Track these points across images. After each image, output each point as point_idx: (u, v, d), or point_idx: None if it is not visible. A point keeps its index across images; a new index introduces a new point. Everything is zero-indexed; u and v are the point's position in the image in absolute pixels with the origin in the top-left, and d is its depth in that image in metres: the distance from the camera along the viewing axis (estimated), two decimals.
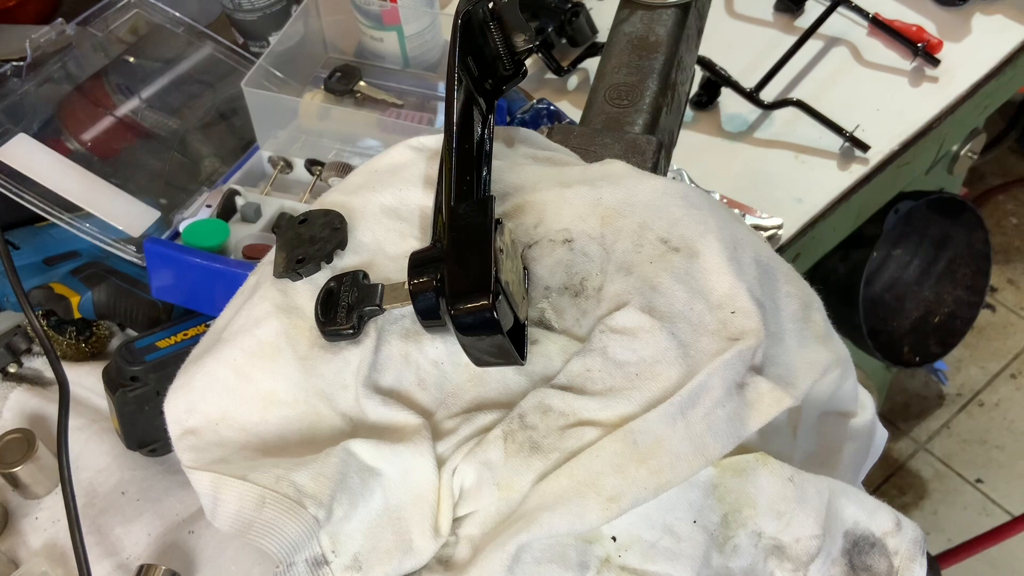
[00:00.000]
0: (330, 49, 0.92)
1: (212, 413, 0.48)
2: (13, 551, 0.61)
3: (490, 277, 0.43)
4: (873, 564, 0.46)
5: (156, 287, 0.67)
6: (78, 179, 0.74)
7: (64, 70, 0.82)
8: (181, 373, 0.51)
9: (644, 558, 0.44)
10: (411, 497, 0.45)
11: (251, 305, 0.51)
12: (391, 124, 0.80)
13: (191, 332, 0.64)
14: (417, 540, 0.44)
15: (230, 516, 0.44)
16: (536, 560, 0.43)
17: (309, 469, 0.44)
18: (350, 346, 0.48)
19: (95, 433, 0.65)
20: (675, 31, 0.73)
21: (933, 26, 1.03)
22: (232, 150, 0.84)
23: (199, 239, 0.68)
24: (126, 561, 0.59)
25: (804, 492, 0.45)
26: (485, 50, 0.55)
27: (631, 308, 0.48)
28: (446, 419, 0.47)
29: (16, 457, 0.61)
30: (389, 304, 0.48)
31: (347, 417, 0.48)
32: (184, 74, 0.87)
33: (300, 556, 0.43)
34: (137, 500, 0.62)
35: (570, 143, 0.63)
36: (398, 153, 0.57)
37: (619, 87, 0.69)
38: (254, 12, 0.93)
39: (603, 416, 0.45)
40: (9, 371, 0.70)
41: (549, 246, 0.52)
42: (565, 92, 0.98)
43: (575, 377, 0.47)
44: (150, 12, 0.88)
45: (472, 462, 0.45)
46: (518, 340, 0.46)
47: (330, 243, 0.52)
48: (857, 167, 0.93)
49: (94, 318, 0.73)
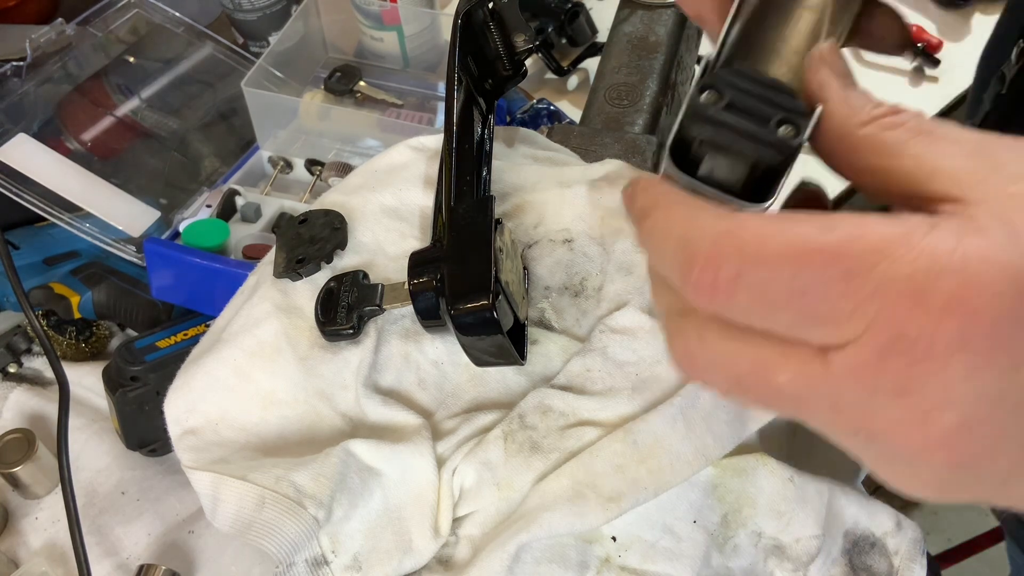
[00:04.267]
0: (330, 49, 0.92)
1: (212, 413, 0.48)
2: (13, 551, 0.61)
3: (490, 277, 0.43)
4: (873, 564, 0.46)
5: (156, 287, 0.67)
6: (78, 179, 0.74)
7: (64, 70, 0.82)
8: (181, 373, 0.51)
9: (644, 558, 0.44)
10: (411, 497, 0.45)
11: (251, 305, 0.51)
12: (391, 124, 0.80)
13: (191, 332, 0.64)
14: (417, 540, 0.44)
15: (230, 516, 0.44)
16: (536, 560, 0.43)
17: (309, 469, 0.44)
18: (350, 346, 0.48)
19: (95, 433, 0.65)
20: (675, 31, 0.73)
21: (933, 26, 1.03)
22: (232, 150, 0.84)
23: (199, 239, 0.68)
24: (126, 561, 0.59)
25: (804, 492, 0.45)
26: (485, 50, 0.55)
27: (631, 308, 0.48)
28: (446, 419, 0.47)
29: (16, 457, 0.61)
30: (389, 304, 0.48)
31: (347, 417, 0.48)
32: (184, 74, 0.87)
33: (300, 556, 0.43)
34: (137, 500, 0.62)
35: (570, 143, 0.63)
36: (398, 153, 0.57)
37: (619, 87, 0.69)
38: (254, 12, 0.93)
39: (603, 416, 0.45)
40: (9, 371, 0.70)
41: (549, 246, 0.52)
42: (565, 92, 0.98)
43: (575, 377, 0.47)
44: (150, 12, 0.88)
45: (472, 462, 0.45)
46: (518, 340, 0.46)
47: (330, 243, 0.52)
48: None
49: (94, 318, 0.73)
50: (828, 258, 0.26)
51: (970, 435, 0.25)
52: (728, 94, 0.32)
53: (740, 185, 0.32)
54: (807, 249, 0.26)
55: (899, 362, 0.25)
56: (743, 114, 0.31)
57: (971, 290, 0.24)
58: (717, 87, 0.32)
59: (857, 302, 0.25)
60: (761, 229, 0.27)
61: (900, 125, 0.29)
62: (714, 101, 0.31)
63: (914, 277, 0.24)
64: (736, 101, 0.31)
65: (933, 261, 0.24)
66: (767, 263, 0.27)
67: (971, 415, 0.25)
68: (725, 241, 0.27)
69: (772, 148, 0.31)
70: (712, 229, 0.28)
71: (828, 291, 0.26)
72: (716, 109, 0.31)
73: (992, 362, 0.24)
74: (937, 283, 0.24)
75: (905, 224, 0.25)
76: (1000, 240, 0.24)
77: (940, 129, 0.28)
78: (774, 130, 0.31)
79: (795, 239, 0.26)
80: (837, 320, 0.26)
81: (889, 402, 0.26)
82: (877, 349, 0.25)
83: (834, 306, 0.26)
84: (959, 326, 0.24)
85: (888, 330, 0.25)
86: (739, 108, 0.31)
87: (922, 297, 0.24)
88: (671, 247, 0.29)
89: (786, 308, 0.27)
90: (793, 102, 0.32)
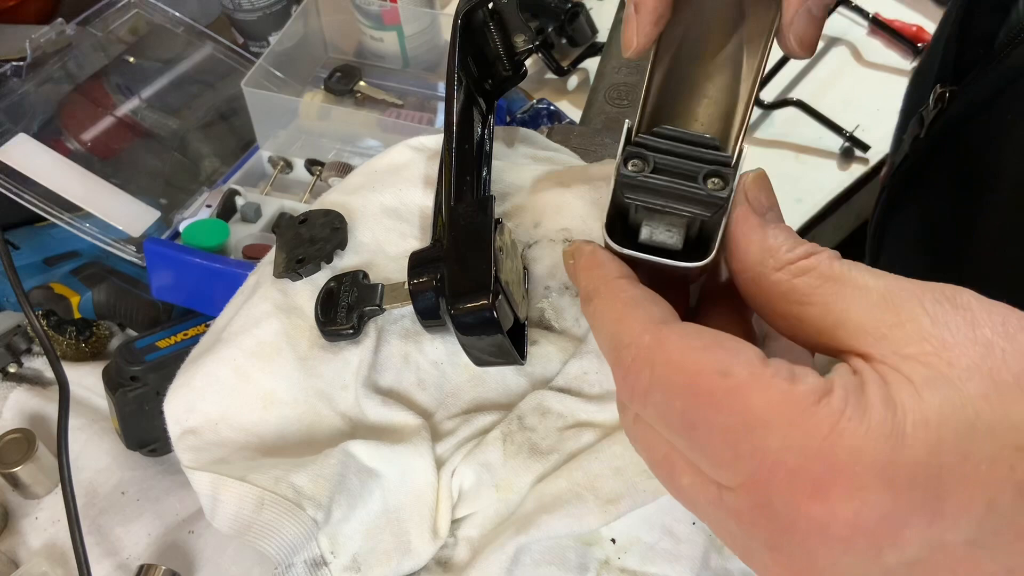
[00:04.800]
0: (330, 49, 0.92)
1: (212, 413, 0.48)
2: (13, 551, 0.61)
3: (490, 277, 0.43)
4: None
5: (156, 287, 0.67)
6: (78, 179, 0.74)
7: (64, 70, 0.82)
8: (181, 373, 0.51)
9: (643, 560, 0.44)
10: (410, 498, 0.45)
11: (251, 305, 0.51)
12: (391, 124, 0.80)
13: (191, 332, 0.64)
14: (416, 541, 0.44)
15: (229, 517, 0.44)
16: (535, 562, 0.43)
17: (308, 470, 0.44)
18: (350, 346, 0.48)
19: (95, 433, 0.65)
20: None
21: (933, 26, 1.02)
22: (232, 150, 0.84)
23: (199, 239, 0.68)
24: (126, 561, 0.59)
25: None
26: (485, 50, 0.55)
27: None
28: (445, 420, 0.47)
29: (16, 457, 0.61)
30: (389, 304, 0.48)
31: (347, 417, 0.48)
32: (184, 74, 0.87)
33: (299, 557, 0.43)
34: (137, 500, 0.62)
35: (570, 143, 0.63)
36: (398, 153, 0.57)
37: (619, 87, 0.69)
38: (254, 12, 0.93)
39: (601, 418, 0.45)
40: (9, 371, 0.70)
41: (549, 246, 0.52)
42: (565, 92, 0.98)
43: (572, 379, 0.47)
44: (150, 12, 0.88)
45: (471, 463, 0.45)
46: (518, 340, 0.46)
47: (330, 243, 0.52)
48: (857, 167, 0.93)
49: (94, 318, 0.73)
50: (717, 406, 0.27)
51: None
52: (651, 159, 0.32)
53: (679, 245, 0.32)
54: (702, 390, 0.27)
55: (769, 525, 0.26)
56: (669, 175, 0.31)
57: (837, 479, 0.24)
58: (640, 155, 0.32)
59: (736, 455, 0.26)
60: (673, 354, 0.28)
61: (810, 270, 0.29)
62: (640, 169, 0.32)
63: (786, 454, 0.25)
64: (661, 165, 0.32)
65: (806, 443, 0.25)
66: (668, 391, 0.28)
67: None
68: (643, 357, 0.29)
69: (702, 205, 0.31)
70: (636, 340, 0.29)
71: (712, 436, 0.27)
72: (643, 176, 0.31)
73: (852, 549, 0.25)
74: (808, 465, 0.25)
75: (798, 389, 0.26)
76: (877, 424, 0.25)
77: (850, 274, 0.28)
78: (703, 185, 0.31)
79: (696, 375, 0.27)
80: (721, 463, 0.27)
81: (764, 551, 0.27)
82: (752, 505, 0.26)
83: (718, 451, 0.27)
84: (821, 513, 0.25)
85: (759, 494, 0.26)
86: (665, 170, 0.32)
87: (791, 476, 0.25)
88: (605, 342, 0.31)
89: (682, 435, 0.28)
90: (716, 154, 0.32)
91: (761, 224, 0.31)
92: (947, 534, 0.24)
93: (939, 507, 0.24)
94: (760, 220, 0.31)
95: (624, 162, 0.32)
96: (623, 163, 0.32)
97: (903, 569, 0.25)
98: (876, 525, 0.24)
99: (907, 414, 0.25)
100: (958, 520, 0.24)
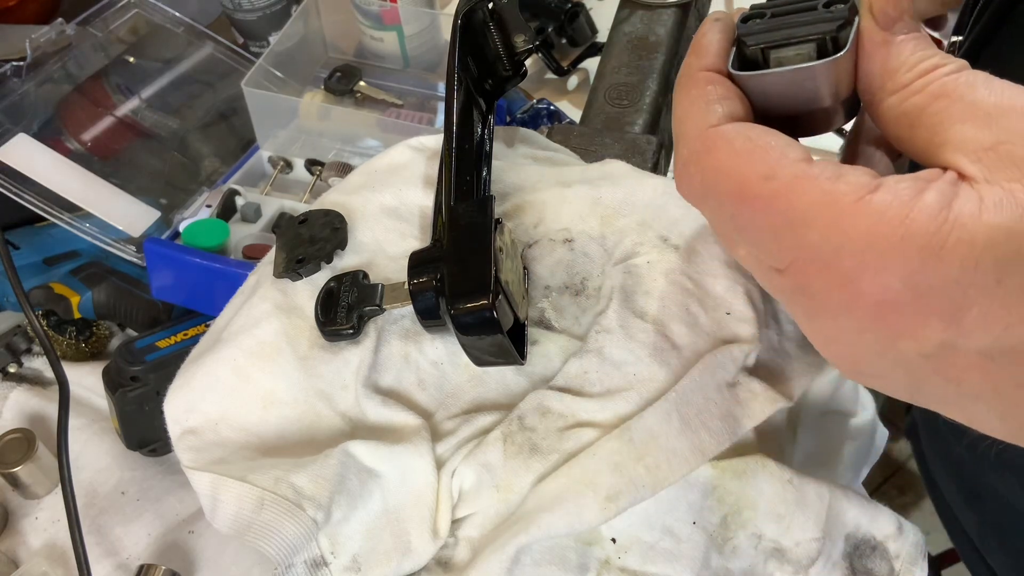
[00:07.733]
0: (330, 49, 0.92)
1: (212, 413, 0.48)
2: (13, 551, 0.61)
3: (490, 277, 0.43)
4: (874, 568, 0.46)
5: (156, 287, 0.67)
6: (78, 179, 0.74)
7: (64, 70, 0.82)
8: (181, 373, 0.51)
9: (644, 559, 0.44)
10: (410, 498, 0.45)
11: (251, 305, 0.51)
12: (391, 124, 0.80)
13: (191, 332, 0.64)
14: (416, 542, 0.44)
15: (229, 517, 0.44)
16: (535, 562, 0.43)
17: (308, 471, 0.44)
18: (350, 346, 0.48)
19: (95, 433, 0.65)
20: (675, 31, 0.73)
21: None
22: (232, 150, 0.84)
23: (199, 239, 0.68)
24: (126, 561, 0.59)
25: (804, 495, 0.45)
26: (485, 50, 0.55)
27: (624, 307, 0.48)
28: (445, 420, 0.47)
29: (16, 457, 0.61)
30: (389, 304, 0.48)
31: (347, 417, 0.48)
32: (184, 74, 0.87)
33: (299, 557, 0.42)
34: (137, 500, 0.62)
35: (570, 143, 0.63)
36: (398, 153, 0.57)
37: (619, 87, 0.69)
38: (254, 12, 0.93)
39: (601, 418, 0.45)
40: (9, 371, 0.70)
41: (549, 246, 0.52)
42: (565, 92, 0.98)
43: (573, 379, 0.47)
44: (150, 12, 0.88)
45: (471, 464, 0.45)
46: (518, 340, 0.46)
47: (330, 243, 0.52)
48: None
49: (94, 318, 0.73)
50: (764, 210, 0.29)
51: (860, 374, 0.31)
52: (768, 11, 0.33)
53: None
54: (748, 195, 0.29)
55: (807, 303, 0.30)
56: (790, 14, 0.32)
57: (864, 274, 0.27)
58: (754, 15, 0.33)
59: (780, 248, 0.29)
60: (721, 160, 0.30)
61: (922, 90, 0.29)
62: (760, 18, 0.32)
63: (823, 247, 0.28)
64: (777, 11, 0.32)
65: (842, 240, 0.27)
66: (718, 196, 0.31)
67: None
68: (693, 160, 0.31)
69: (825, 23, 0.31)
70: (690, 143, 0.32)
71: (761, 234, 0.30)
72: (764, 22, 0.32)
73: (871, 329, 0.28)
74: (840, 260, 0.28)
75: (838, 187, 0.28)
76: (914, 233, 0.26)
77: (961, 89, 0.28)
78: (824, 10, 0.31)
79: (743, 182, 0.30)
80: (768, 254, 0.30)
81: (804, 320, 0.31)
82: (794, 286, 0.30)
83: (765, 245, 0.30)
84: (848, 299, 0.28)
85: (799, 279, 0.29)
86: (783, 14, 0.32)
87: (825, 267, 0.28)
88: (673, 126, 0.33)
89: (734, 233, 0.31)
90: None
91: (885, 41, 0.30)
92: (961, 340, 0.27)
93: (959, 316, 0.26)
94: (884, 36, 0.30)
95: (743, 22, 0.33)
96: (742, 23, 0.32)
97: (918, 360, 0.28)
98: (895, 318, 0.27)
99: (952, 230, 0.25)
100: (974, 332, 0.26)
